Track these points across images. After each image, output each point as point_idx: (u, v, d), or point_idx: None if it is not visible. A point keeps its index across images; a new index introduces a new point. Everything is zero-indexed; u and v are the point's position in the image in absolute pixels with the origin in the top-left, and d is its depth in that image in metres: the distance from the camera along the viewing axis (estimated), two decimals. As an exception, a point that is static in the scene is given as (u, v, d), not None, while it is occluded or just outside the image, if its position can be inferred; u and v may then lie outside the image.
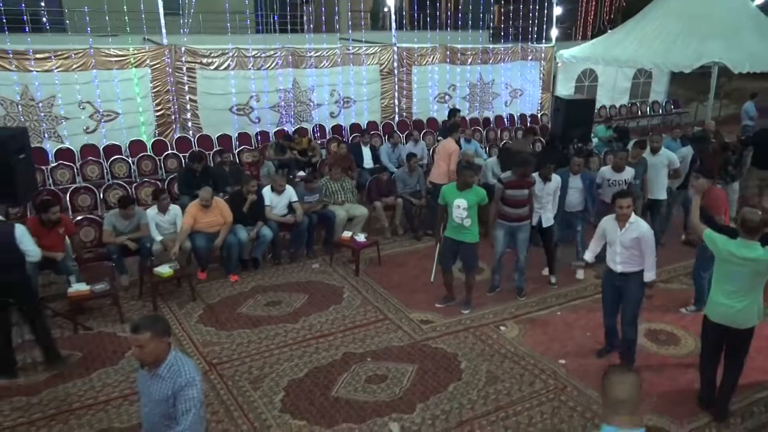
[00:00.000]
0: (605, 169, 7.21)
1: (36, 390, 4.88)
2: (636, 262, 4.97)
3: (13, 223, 5.08)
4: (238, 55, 11.71)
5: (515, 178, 6.28)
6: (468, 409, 4.68)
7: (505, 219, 6.36)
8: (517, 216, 6.31)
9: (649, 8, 14.29)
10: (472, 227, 5.98)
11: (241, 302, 6.47)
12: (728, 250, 4.18)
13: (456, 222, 5.97)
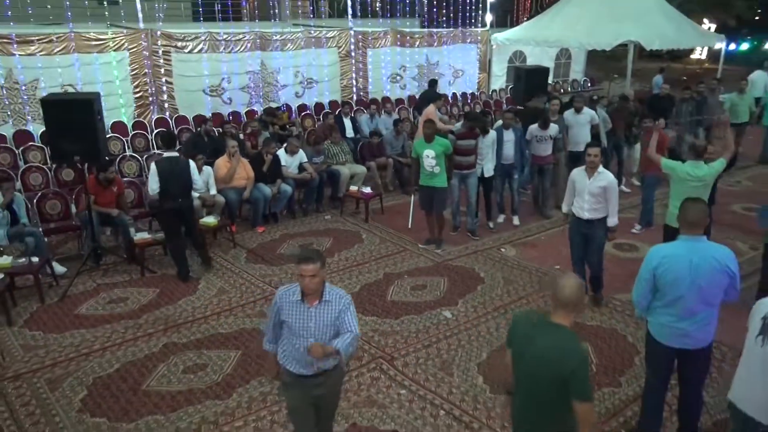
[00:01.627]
0: (533, 127, 8.14)
1: (137, 315, 5.66)
2: (601, 209, 5.49)
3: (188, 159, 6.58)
4: (210, 38, 12.34)
5: (464, 130, 7.47)
6: (498, 299, 5.97)
7: (457, 168, 7.42)
8: (467, 163, 7.38)
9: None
10: (441, 174, 6.98)
11: (278, 246, 7.42)
12: (685, 171, 5.58)
13: (427, 170, 6.99)
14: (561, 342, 2.68)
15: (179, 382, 4.64)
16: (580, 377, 2.61)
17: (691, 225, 3.43)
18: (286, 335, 3.17)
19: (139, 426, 4.12)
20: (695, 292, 3.33)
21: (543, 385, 2.70)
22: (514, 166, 8.05)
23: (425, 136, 7.02)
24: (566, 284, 2.76)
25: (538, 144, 8.08)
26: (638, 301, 3.65)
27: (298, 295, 3.10)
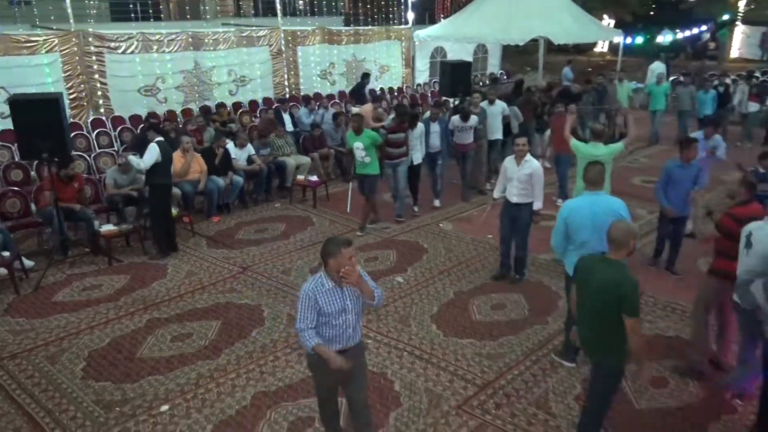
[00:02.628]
0: (455, 118, 8.92)
1: (115, 298, 6.09)
2: (528, 194, 6.04)
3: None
4: (143, 39, 12.52)
5: (394, 124, 8.24)
6: (441, 265, 6.83)
7: (389, 158, 8.17)
8: (398, 154, 8.06)
9: (482, -5, 17.42)
10: (372, 163, 7.63)
11: (235, 233, 7.95)
12: (588, 151, 6.59)
13: (359, 161, 7.69)
14: (616, 272, 3.37)
15: (169, 349, 5.17)
16: (630, 299, 3.29)
17: (591, 183, 4.41)
18: (323, 323, 3.42)
19: (142, 385, 4.64)
20: (597, 234, 4.28)
21: (603, 305, 3.39)
22: (439, 153, 8.82)
23: (353, 129, 7.70)
24: (616, 227, 3.48)
25: (460, 133, 8.85)
26: (556, 246, 4.59)
27: (329, 284, 3.38)
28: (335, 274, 3.33)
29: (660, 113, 12.65)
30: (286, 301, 6.03)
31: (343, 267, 3.27)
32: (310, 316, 3.37)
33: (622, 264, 3.46)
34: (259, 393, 4.54)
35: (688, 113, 12.12)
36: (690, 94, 12.08)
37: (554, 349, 5.06)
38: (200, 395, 4.52)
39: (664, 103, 12.52)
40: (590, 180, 4.43)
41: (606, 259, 3.50)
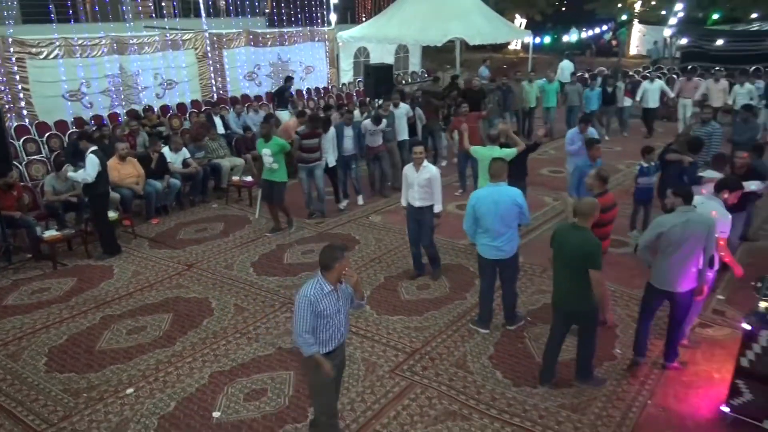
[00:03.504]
0: (367, 122, 9.33)
1: (66, 299, 6.42)
2: (429, 197, 6.35)
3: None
4: (65, 44, 12.50)
5: (308, 131, 8.49)
6: (372, 253, 7.55)
7: (303, 162, 8.57)
8: (312, 159, 8.51)
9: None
10: (280, 170, 7.98)
11: (176, 233, 8.36)
12: (485, 154, 7.21)
13: (267, 167, 8.00)
14: (585, 237, 4.46)
15: (126, 341, 5.61)
16: (594, 256, 4.41)
17: (494, 176, 5.27)
18: (322, 325, 3.72)
19: (105, 373, 5.09)
20: (498, 220, 5.12)
21: (574, 261, 4.45)
22: (354, 156, 9.25)
23: (262, 135, 8.10)
24: (584, 202, 4.63)
25: (371, 137, 9.35)
26: (468, 230, 5.42)
27: (328, 287, 3.69)
28: (335, 277, 3.70)
29: (553, 110, 13.79)
30: (232, 293, 6.57)
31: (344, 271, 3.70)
32: (309, 320, 3.66)
33: (588, 230, 4.53)
34: (215, 372, 5.10)
35: (576, 109, 13.36)
36: (577, 91, 13.35)
37: (471, 319, 5.88)
38: (161, 378, 5.03)
39: (555, 100, 13.66)
40: (493, 173, 5.29)
41: (576, 227, 4.57)
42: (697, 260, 4.67)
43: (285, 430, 4.41)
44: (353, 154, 9.24)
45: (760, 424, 4.25)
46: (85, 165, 7.12)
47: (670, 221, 4.70)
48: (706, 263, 4.72)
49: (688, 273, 4.70)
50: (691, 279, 4.73)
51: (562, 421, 4.46)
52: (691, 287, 4.76)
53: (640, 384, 4.89)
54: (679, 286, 4.73)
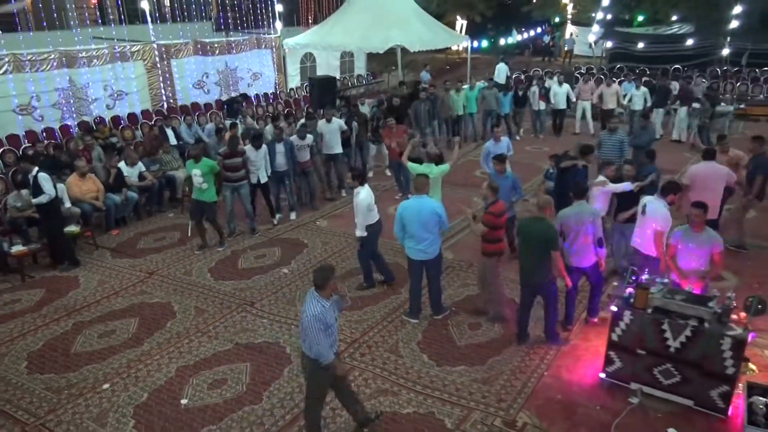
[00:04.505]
0: (294, 138, 9.70)
1: (37, 309, 7.03)
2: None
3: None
4: (14, 60, 12.80)
5: (229, 151, 8.70)
6: (319, 256, 8.40)
7: (228, 181, 8.72)
8: (236, 178, 8.74)
9: (345, 5, 19.08)
10: (209, 189, 8.24)
11: (135, 243, 9.00)
12: (423, 171, 8.22)
13: (197, 186, 8.24)
14: (544, 224, 5.64)
15: (98, 344, 6.31)
16: (553, 239, 5.57)
17: (417, 190, 6.21)
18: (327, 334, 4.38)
19: (83, 372, 5.79)
20: (421, 227, 6.07)
21: (537, 245, 5.61)
22: (286, 173, 9.53)
23: (192, 157, 8.30)
24: (541, 198, 5.83)
25: (299, 152, 9.68)
26: (397, 234, 6.35)
27: (326, 303, 4.37)
28: (327, 293, 4.36)
29: (474, 115, 14.80)
30: (192, 297, 7.31)
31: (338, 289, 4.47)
32: (323, 335, 4.29)
33: (547, 219, 5.73)
34: (181, 367, 5.87)
35: (494, 112, 14.49)
36: (494, 95, 14.50)
37: (404, 311, 6.81)
38: (133, 374, 5.77)
39: (476, 106, 14.68)
40: (417, 188, 6.23)
41: (537, 218, 5.79)
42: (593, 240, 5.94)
43: (243, 410, 5.23)
44: (285, 170, 9.50)
45: (627, 385, 5.33)
46: (41, 186, 7.69)
47: (566, 212, 6.02)
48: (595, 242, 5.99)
49: (589, 250, 6.00)
50: (591, 255, 6.04)
51: (473, 392, 5.44)
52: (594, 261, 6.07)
53: (540, 359, 5.92)
54: (587, 261, 6.05)
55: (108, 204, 9.27)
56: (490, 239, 6.21)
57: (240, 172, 8.86)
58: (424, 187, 6.29)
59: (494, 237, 6.18)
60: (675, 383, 5.13)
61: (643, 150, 9.27)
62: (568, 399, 5.35)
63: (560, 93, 14.77)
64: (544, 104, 14.93)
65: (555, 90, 14.80)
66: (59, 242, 8.14)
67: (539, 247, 5.65)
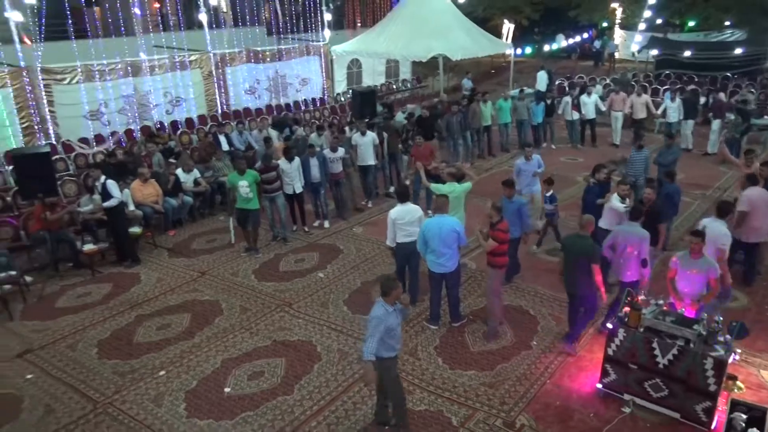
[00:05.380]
0: (326, 151, 10.45)
1: (105, 302, 8.05)
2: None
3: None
4: (86, 70, 14.07)
5: (263, 166, 9.58)
6: (353, 261, 9.15)
7: (265, 192, 9.56)
8: (272, 189, 9.59)
9: (390, 14, 19.79)
10: (254, 198, 9.13)
11: (190, 244, 9.98)
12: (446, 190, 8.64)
13: (243, 196, 9.07)
14: (586, 241, 6.39)
15: (156, 335, 7.25)
16: (595, 254, 6.30)
17: (437, 209, 6.87)
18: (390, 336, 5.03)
19: (143, 360, 6.73)
20: (441, 242, 6.73)
21: (579, 259, 6.33)
22: (321, 183, 10.30)
23: (238, 170, 9.14)
24: (584, 218, 6.56)
25: (332, 164, 10.40)
26: (420, 249, 7.01)
27: (390, 308, 5.02)
28: (392, 300, 5.00)
29: (509, 125, 15.17)
30: (237, 296, 8.20)
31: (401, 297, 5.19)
32: (377, 335, 4.95)
33: (588, 236, 6.47)
34: (225, 359, 6.73)
35: (526, 122, 14.95)
36: (525, 106, 14.88)
37: (425, 317, 7.49)
38: (185, 363, 6.67)
39: (509, 116, 15.02)
40: (436, 207, 6.91)
41: (579, 235, 6.53)
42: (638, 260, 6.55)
43: (277, 400, 6.04)
44: (320, 181, 10.27)
45: (621, 396, 5.87)
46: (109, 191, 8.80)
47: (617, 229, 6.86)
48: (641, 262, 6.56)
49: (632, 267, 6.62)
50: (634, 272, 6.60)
51: (480, 394, 6.08)
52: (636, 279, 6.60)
53: (545, 368, 6.51)
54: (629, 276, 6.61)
55: (166, 207, 10.28)
56: (496, 253, 6.80)
57: (274, 183, 9.70)
58: (444, 206, 6.94)
59: (500, 251, 6.77)
60: (663, 396, 5.64)
61: (666, 168, 9.62)
62: (566, 405, 5.92)
63: (589, 103, 15.08)
64: (576, 114, 15.25)
65: (584, 100, 15.12)
66: (124, 242, 9.18)
67: (581, 261, 6.35)
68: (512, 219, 7.62)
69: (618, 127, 15.31)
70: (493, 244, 6.70)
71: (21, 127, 13.22)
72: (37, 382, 6.42)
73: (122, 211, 9.19)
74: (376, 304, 5.11)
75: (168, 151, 12.88)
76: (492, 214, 6.84)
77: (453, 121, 13.30)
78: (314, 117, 17.80)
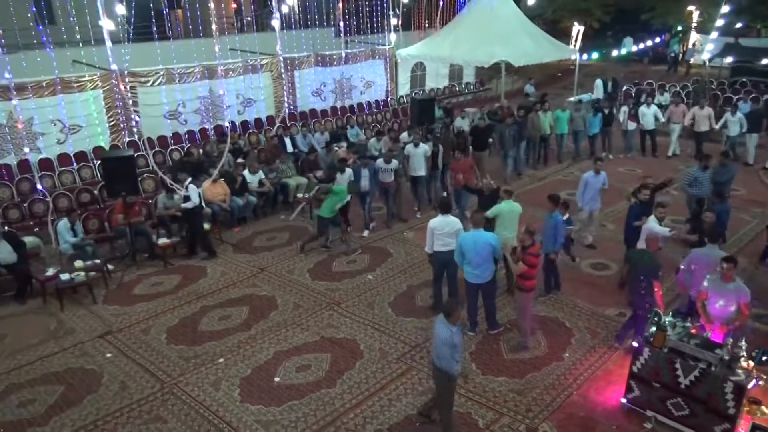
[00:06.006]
0: (379, 161, 10.94)
1: (175, 292, 8.95)
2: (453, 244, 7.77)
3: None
4: (167, 73, 15.22)
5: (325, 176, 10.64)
6: (401, 265, 9.68)
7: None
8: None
9: (455, 20, 20.12)
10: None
11: (252, 241, 10.81)
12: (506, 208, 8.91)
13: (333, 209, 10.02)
14: (650, 257, 6.99)
15: (218, 325, 8.05)
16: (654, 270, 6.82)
17: (474, 224, 7.29)
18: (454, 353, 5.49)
19: (205, 348, 7.52)
20: (477, 255, 7.14)
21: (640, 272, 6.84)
22: (369, 192, 10.81)
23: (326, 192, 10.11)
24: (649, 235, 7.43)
25: (383, 174, 10.97)
26: (457, 260, 7.45)
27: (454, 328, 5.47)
28: (454, 321, 5.48)
29: (565, 135, 15.12)
30: (292, 293, 8.89)
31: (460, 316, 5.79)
32: (452, 350, 5.44)
33: (650, 252, 7.18)
34: (277, 351, 7.42)
35: (582, 133, 14.95)
36: (582, 117, 14.84)
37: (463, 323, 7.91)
38: (241, 352, 7.40)
39: (566, 126, 14.96)
40: (474, 222, 7.35)
41: (643, 251, 7.36)
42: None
43: (321, 392, 6.65)
44: (368, 190, 10.78)
45: (643, 411, 6.12)
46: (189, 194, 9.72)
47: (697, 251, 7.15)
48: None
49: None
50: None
51: (508, 400, 6.47)
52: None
53: (573, 379, 6.81)
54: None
55: (232, 206, 11.14)
56: (525, 276, 7.11)
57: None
58: (480, 222, 7.40)
59: (530, 275, 7.08)
60: (684, 415, 5.85)
61: (722, 187, 9.56)
62: (590, 416, 6.23)
63: (648, 114, 14.98)
64: (633, 124, 15.13)
65: (643, 111, 15.03)
66: (199, 237, 10.06)
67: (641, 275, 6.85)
68: (549, 233, 7.90)
69: (674, 138, 15.16)
70: (524, 267, 7.04)
71: (108, 125, 14.51)
72: (115, 361, 7.32)
73: (199, 211, 10.05)
74: (440, 325, 5.54)
75: (237, 150, 13.80)
76: (524, 238, 7.16)
77: (506, 133, 13.45)
78: (376, 120, 18.41)
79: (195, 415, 6.35)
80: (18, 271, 8.73)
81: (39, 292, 8.82)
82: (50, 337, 7.87)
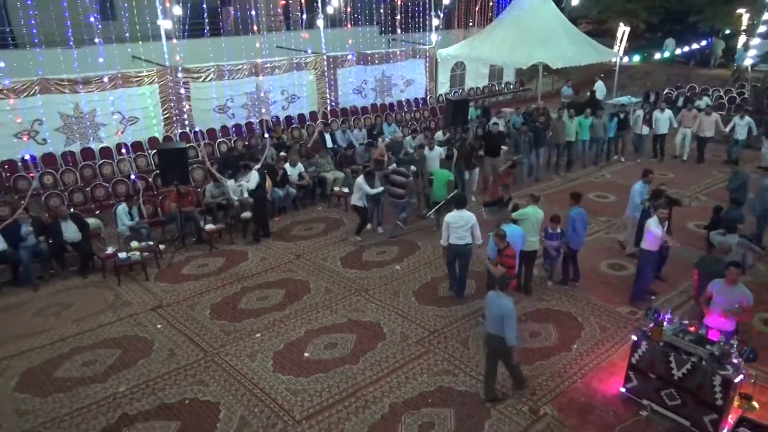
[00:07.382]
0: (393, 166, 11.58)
1: (218, 273, 9.82)
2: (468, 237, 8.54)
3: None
4: (218, 70, 16.17)
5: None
6: (428, 257, 10.30)
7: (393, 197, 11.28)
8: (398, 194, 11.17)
9: (494, 22, 20.52)
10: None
11: (291, 230, 11.62)
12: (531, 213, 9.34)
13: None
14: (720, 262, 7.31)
15: (256, 305, 8.86)
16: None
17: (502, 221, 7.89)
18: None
19: (243, 323, 8.34)
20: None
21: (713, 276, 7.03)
22: (381, 193, 11.10)
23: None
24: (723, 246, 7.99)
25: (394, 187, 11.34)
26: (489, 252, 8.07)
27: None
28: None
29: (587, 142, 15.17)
30: (324, 278, 9.64)
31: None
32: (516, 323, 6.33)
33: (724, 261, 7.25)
34: (308, 330, 8.17)
35: (600, 140, 15.26)
36: (603, 124, 15.06)
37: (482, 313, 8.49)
38: (276, 329, 8.19)
39: (588, 133, 15.02)
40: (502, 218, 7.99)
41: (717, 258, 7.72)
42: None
43: (344, 367, 7.37)
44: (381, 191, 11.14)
45: (640, 401, 6.60)
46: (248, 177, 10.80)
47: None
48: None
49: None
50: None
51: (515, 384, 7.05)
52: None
53: (579, 368, 7.33)
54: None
55: (273, 196, 11.96)
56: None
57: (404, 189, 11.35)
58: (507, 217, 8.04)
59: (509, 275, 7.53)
60: (676, 405, 6.32)
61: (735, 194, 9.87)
62: (590, 402, 6.75)
63: (662, 119, 15.35)
64: (647, 129, 15.39)
65: (657, 116, 15.39)
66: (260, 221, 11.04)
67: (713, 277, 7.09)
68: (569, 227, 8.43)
69: (686, 143, 15.51)
70: (503, 269, 7.58)
71: (163, 117, 15.57)
72: (164, 331, 8.20)
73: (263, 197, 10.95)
74: (503, 299, 6.27)
75: (281, 145, 14.64)
76: (497, 241, 7.71)
77: (520, 140, 13.63)
78: (414, 118, 19.02)
79: (233, 381, 7.16)
80: (82, 249, 9.75)
81: (99, 267, 9.83)
82: (109, 307, 8.83)
